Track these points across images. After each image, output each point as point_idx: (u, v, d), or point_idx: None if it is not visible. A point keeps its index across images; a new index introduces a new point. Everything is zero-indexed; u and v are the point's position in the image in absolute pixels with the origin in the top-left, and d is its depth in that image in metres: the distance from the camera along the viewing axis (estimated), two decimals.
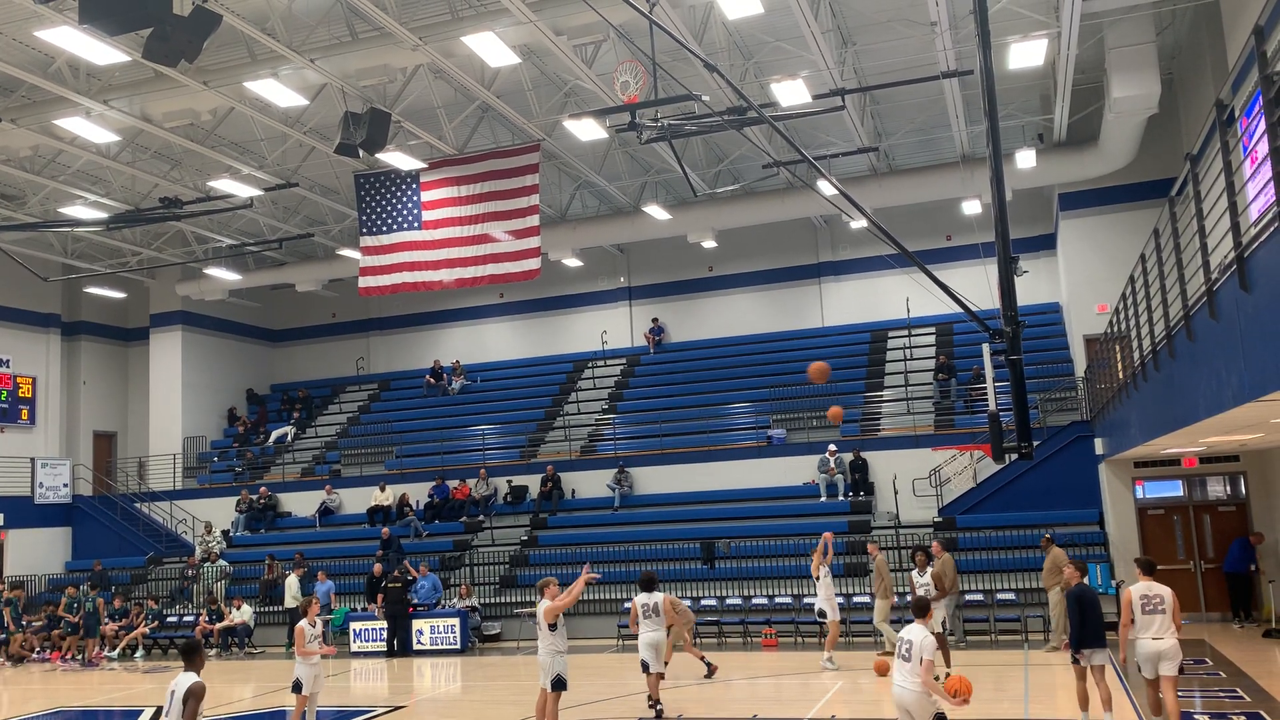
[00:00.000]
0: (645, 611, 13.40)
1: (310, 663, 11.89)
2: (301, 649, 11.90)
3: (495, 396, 31.25)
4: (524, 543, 24.49)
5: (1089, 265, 23.33)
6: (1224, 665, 14.57)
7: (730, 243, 29.08)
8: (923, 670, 8.31)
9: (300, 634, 12.00)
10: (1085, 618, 10.90)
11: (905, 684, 8.44)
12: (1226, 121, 7.91)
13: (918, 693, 8.34)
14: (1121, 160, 21.91)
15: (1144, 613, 10.23)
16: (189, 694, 7.65)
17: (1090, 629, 10.89)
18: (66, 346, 31.42)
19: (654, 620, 13.38)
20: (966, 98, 20.55)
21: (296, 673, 11.91)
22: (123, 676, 20.18)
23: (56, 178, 22.78)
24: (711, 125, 16.66)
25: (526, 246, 21.46)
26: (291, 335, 35.54)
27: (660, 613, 13.46)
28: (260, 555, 25.63)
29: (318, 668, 12.03)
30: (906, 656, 8.52)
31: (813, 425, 25.28)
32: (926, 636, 8.53)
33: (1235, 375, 8.09)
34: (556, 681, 10.81)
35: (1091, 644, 10.85)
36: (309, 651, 11.88)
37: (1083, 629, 10.91)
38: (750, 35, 18.58)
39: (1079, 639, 10.90)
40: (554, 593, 11.20)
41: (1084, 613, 10.92)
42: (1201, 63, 18.87)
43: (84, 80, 18.32)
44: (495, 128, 22.12)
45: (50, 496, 29.05)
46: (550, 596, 11.13)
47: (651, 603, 13.44)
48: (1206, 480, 19.80)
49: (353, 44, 17.44)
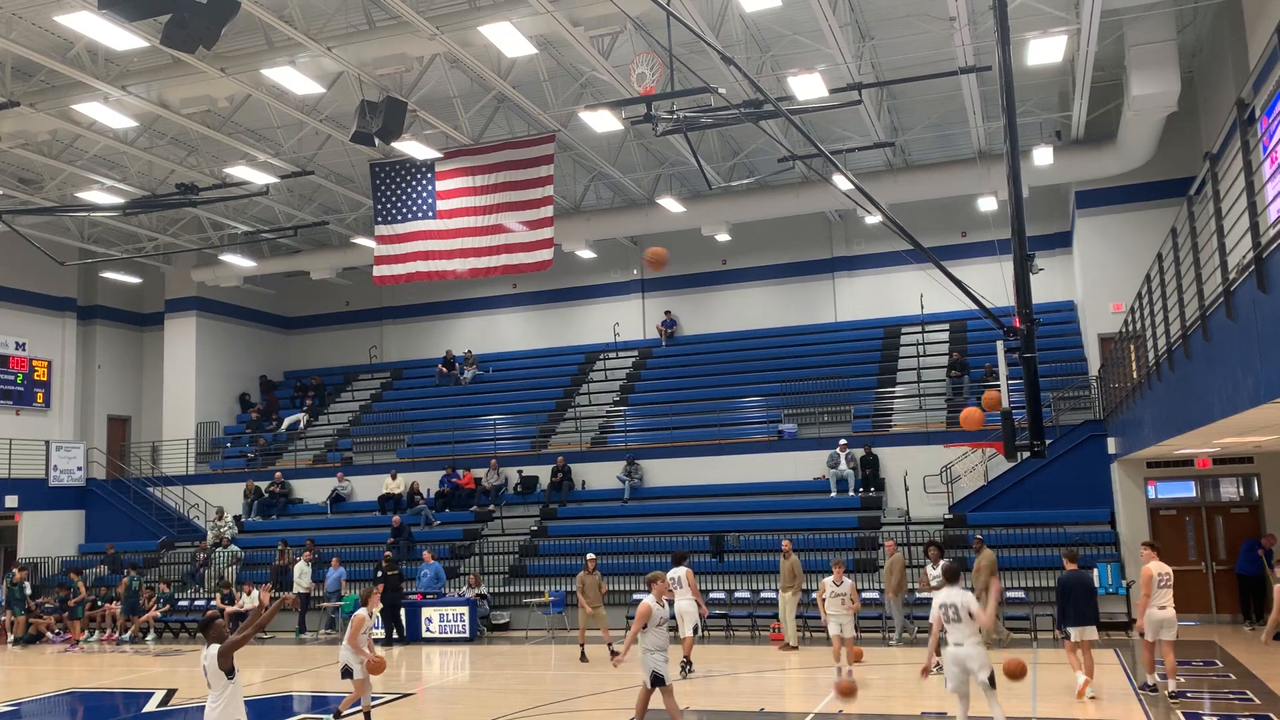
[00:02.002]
0: (675, 583, 15.57)
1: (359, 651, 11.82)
2: (354, 639, 11.71)
3: (507, 387, 31.31)
4: (534, 533, 24.55)
5: (1105, 264, 23.21)
6: (1233, 667, 14.52)
7: (744, 236, 29.04)
8: (978, 614, 9.38)
9: (358, 623, 11.79)
10: (1066, 601, 12.94)
11: (962, 640, 9.46)
12: (1247, 121, 7.85)
13: (976, 645, 9.42)
14: (1140, 159, 21.77)
15: (1158, 588, 12.25)
16: (220, 654, 7.98)
17: (1070, 611, 12.88)
18: (82, 330, 31.61)
19: (683, 590, 15.78)
20: (984, 94, 20.43)
21: (343, 659, 11.80)
22: (134, 659, 20.33)
23: (74, 162, 22.89)
24: (727, 118, 16.64)
25: (540, 237, 21.46)
26: (305, 323, 35.65)
27: (684, 584, 15.87)
28: (271, 541, 25.76)
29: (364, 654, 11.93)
30: (956, 618, 9.49)
31: (824, 420, 25.25)
32: (965, 594, 9.56)
33: (1251, 376, 8.04)
34: (654, 678, 10.50)
35: (1071, 623, 12.83)
36: (359, 647, 11.72)
37: (1063, 611, 13.01)
38: (768, 28, 18.52)
39: (1061, 619, 13.13)
40: (661, 589, 10.79)
41: (1065, 597, 12.96)
42: (1222, 61, 18.73)
43: (102, 65, 18.39)
44: (511, 118, 22.12)
45: (64, 479, 29.25)
46: (657, 594, 10.69)
47: (677, 575, 15.84)
48: (1219, 481, 19.70)
49: (370, 32, 17.45)
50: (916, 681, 13.25)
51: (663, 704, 10.53)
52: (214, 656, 8.02)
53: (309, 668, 18.42)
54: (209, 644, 8.15)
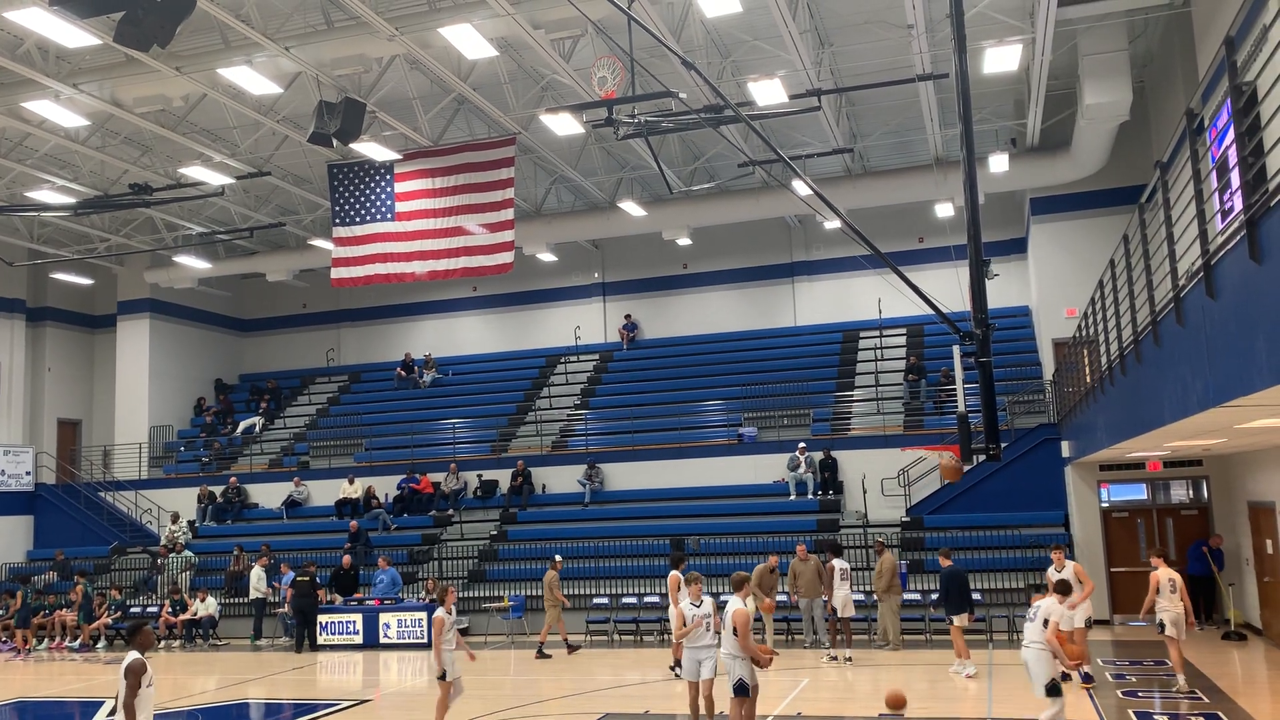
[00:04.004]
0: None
1: (448, 649, 11.70)
2: (438, 641, 11.64)
3: (466, 390, 31.13)
4: (493, 537, 24.42)
5: (1059, 269, 23.55)
6: (1184, 666, 14.75)
7: (705, 240, 29.13)
8: (1047, 632, 10.02)
9: (440, 624, 11.72)
10: (949, 592, 15.32)
11: (1028, 642, 10.23)
12: (1196, 131, 8.01)
13: (1038, 651, 10.07)
14: (1093, 166, 22.13)
15: (1170, 592, 13.07)
16: (127, 670, 7.91)
17: (953, 600, 15.26)
18: (31, 332, 30.96)
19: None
20: (941, 101, 20.68)
21: (434, 661, 11.70)
22: (84, 667, 19.95)
23: (24, 161, 22.43)
24: (688, 123, 16.68)
25: (500, 240, 21.37)
26: (261, 325, 35.21)
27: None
28: (226, 546, 25.41)
29: (454, 654, 11.81)
30: (1032, 618, 10.37)
31: (784, 424, 25.39)
32: (1056, 606, 10.43)
33: (1200, 381, 8.20)
34: (739, 687, 10.03)
35: (953, 611, 15.16)
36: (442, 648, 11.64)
37: (947, 600, 15.38)
38: (728, 34, 18.60)
39: (951, 607, 15.25)
40: (748, 592, 10.47)
41: (949, 588, 15.32)
42: (1172, 72, 19.10)
43: (53, 63, 18.04)
44: (471, 120, 22.01)
45: (12, 484, 28.64)
46: (743, 597, 10.30)
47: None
48: (1170, 484, 20.06)
49: (328, 32, 17.28)
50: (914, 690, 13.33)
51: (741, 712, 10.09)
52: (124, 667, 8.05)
53: (264, 674, 18.18)
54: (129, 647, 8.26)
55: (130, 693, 7.92)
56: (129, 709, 7.96)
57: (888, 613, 17.72)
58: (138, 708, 7.97)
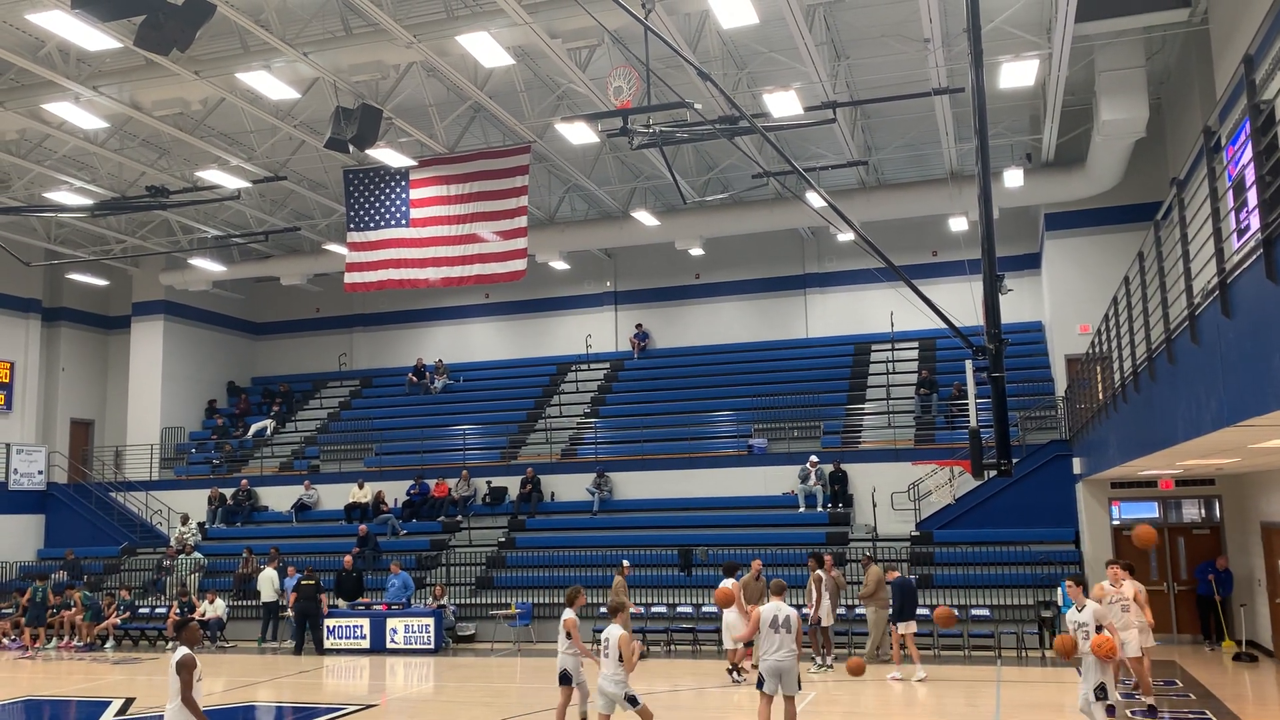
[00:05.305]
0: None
1: (573, 652, 11.53)
2: (578, 642, 11.50)
3: (477, 397, 31.17)
4: (501, 544, 24.42)
5: (1073, 285, 23.48)
6: (1194, 687, 14.67)
7: (717, 251, 29.14)
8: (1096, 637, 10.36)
9: (572, 625, 11.56)
10: (904, 602, 16.10)
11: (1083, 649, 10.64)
12: (1214, 148, 7.98)
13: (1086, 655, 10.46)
14: (1108, 182, 22.07)
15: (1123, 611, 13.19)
16: (179, 665, 8.21)
17: (906, 609, 16.07)
18: (46, 332, 31.16)
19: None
20: (957, 115, 20.67)
21: (562, 663, 11.50)
22: (92, 667, 20.00)
23: (43, 162, 22.61)
24: (703, 133, 16.70)
25: (513, 248, 21.42)
26: (274, 329, 35.34)
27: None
28: (235, 549, 25.46)
29: (580, 658, 11.62)
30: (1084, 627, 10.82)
31: (794, 436, 25.33)
32: (1097, 608, 10.80)
33: (1215, 400, 8.15)
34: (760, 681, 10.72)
35: (904, 619, 16.01)
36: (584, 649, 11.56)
37: (902, 609, 16.09)
38: (744, 45, 18.64)
39: (897, 616, 16.12)
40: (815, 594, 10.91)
41: (903, 598, 16.14)
42: (1190, 89, 19.05)
43: (74, 65, 18.19)
44: (486, 128, 22.09)
45: (24, 483, 28.76)
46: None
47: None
48: (1182, 503, 19.93)
49: (346, 39, 17.39)
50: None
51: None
52: (175, 661, 8.26)
53: (270, 677, 18.20)
54: (179, 644, 8.46)
55: (187, 687, 8.15)
56: (190, 703, 8.17)
57: (874, 624, 17.81)
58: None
